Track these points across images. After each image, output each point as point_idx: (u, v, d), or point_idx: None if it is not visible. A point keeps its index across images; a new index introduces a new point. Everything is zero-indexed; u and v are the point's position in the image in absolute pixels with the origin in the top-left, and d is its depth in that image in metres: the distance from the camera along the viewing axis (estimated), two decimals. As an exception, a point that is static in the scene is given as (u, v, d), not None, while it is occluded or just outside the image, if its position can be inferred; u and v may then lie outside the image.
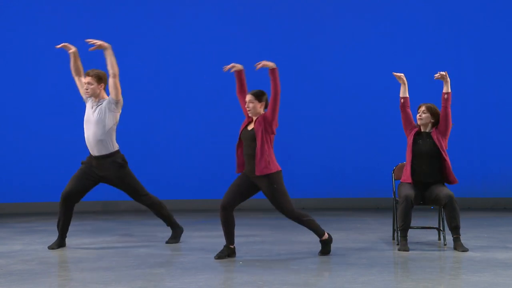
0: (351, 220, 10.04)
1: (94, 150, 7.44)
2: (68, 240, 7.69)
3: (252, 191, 6.87)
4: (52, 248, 7.46)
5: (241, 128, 6.81)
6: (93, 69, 7.49)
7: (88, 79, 7.42)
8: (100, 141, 7.39)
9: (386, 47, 11.76)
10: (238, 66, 6.88)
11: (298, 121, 11.64)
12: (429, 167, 7.32)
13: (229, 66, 6.87)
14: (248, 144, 6.71)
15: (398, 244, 7.29)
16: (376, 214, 10.77)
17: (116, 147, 7.49)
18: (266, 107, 6.72)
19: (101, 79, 7.44)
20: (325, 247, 6.97)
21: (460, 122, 11.52)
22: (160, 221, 8.00)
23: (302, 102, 11.76)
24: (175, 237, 7.84)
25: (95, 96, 7.46)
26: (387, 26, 11.73)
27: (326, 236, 6.96)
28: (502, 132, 11.71)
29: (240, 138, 6.79)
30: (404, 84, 7.47)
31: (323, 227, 7.12)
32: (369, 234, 8.49)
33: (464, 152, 11.64)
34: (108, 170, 7.43)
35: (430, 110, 7.38)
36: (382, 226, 9.23)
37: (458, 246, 7.19)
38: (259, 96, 6.68)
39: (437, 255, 7.04)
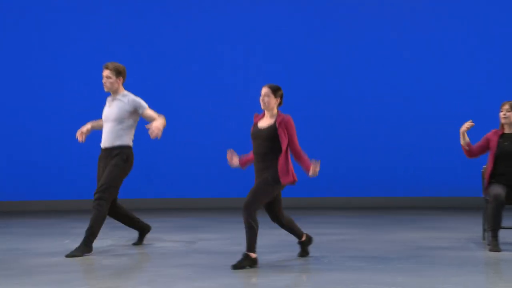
0: (430, 220, 9.85)
1: (106, 142, 7.19)
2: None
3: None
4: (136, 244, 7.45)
5: (253, 127, 6.55)
6: (113, 62, 7.28)
7: (106, 72, 7.17)
8: (116, 136, 7.14)
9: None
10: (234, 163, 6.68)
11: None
12: None
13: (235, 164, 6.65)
14: (259, 143, 6.44)
15: (489, 245, 7.08)
16: (460, 214, 10.58)
17: (129, 143, 7.21)
18: (280, 104, 6.53)
19: (120, 73, 7.19)
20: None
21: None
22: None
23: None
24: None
25: (113, 91, 7.21)
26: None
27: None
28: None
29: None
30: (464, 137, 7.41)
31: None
32: (455, 234, 8.32)
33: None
34: (111, 160, 7.12)
35: None
36: (469, 226, 9.00)
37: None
38: (275, 90, 6.52)
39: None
